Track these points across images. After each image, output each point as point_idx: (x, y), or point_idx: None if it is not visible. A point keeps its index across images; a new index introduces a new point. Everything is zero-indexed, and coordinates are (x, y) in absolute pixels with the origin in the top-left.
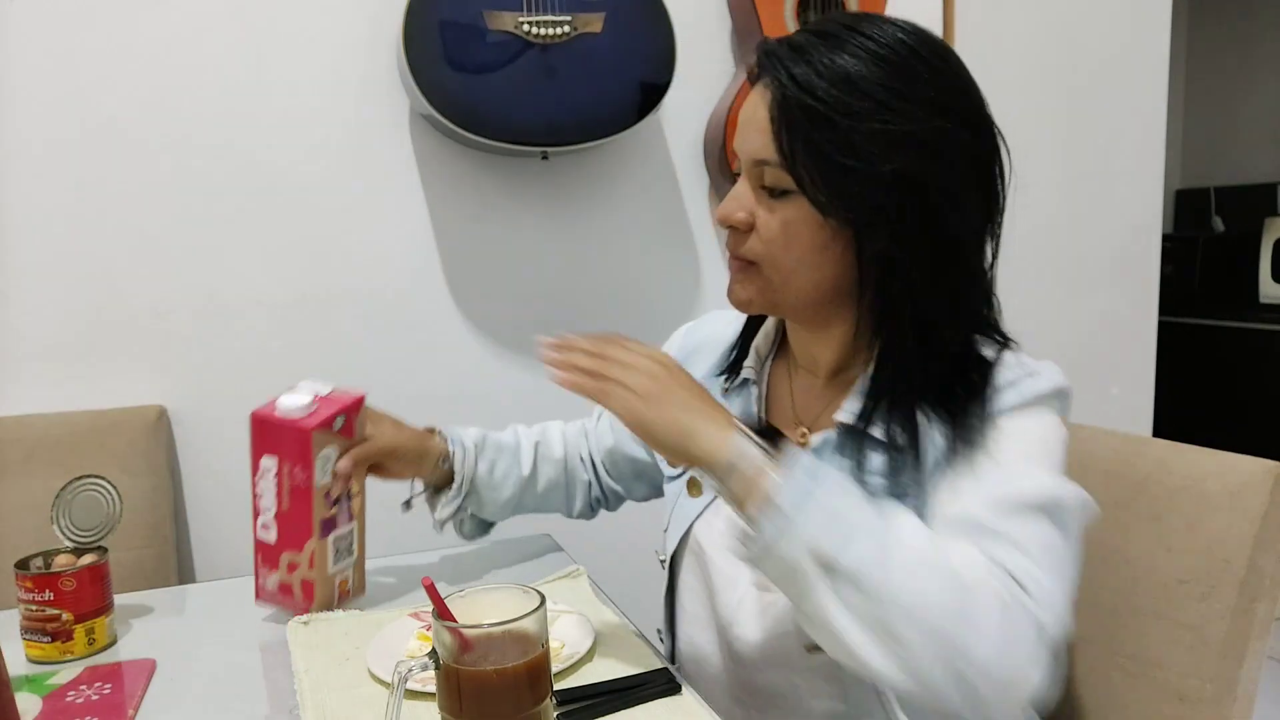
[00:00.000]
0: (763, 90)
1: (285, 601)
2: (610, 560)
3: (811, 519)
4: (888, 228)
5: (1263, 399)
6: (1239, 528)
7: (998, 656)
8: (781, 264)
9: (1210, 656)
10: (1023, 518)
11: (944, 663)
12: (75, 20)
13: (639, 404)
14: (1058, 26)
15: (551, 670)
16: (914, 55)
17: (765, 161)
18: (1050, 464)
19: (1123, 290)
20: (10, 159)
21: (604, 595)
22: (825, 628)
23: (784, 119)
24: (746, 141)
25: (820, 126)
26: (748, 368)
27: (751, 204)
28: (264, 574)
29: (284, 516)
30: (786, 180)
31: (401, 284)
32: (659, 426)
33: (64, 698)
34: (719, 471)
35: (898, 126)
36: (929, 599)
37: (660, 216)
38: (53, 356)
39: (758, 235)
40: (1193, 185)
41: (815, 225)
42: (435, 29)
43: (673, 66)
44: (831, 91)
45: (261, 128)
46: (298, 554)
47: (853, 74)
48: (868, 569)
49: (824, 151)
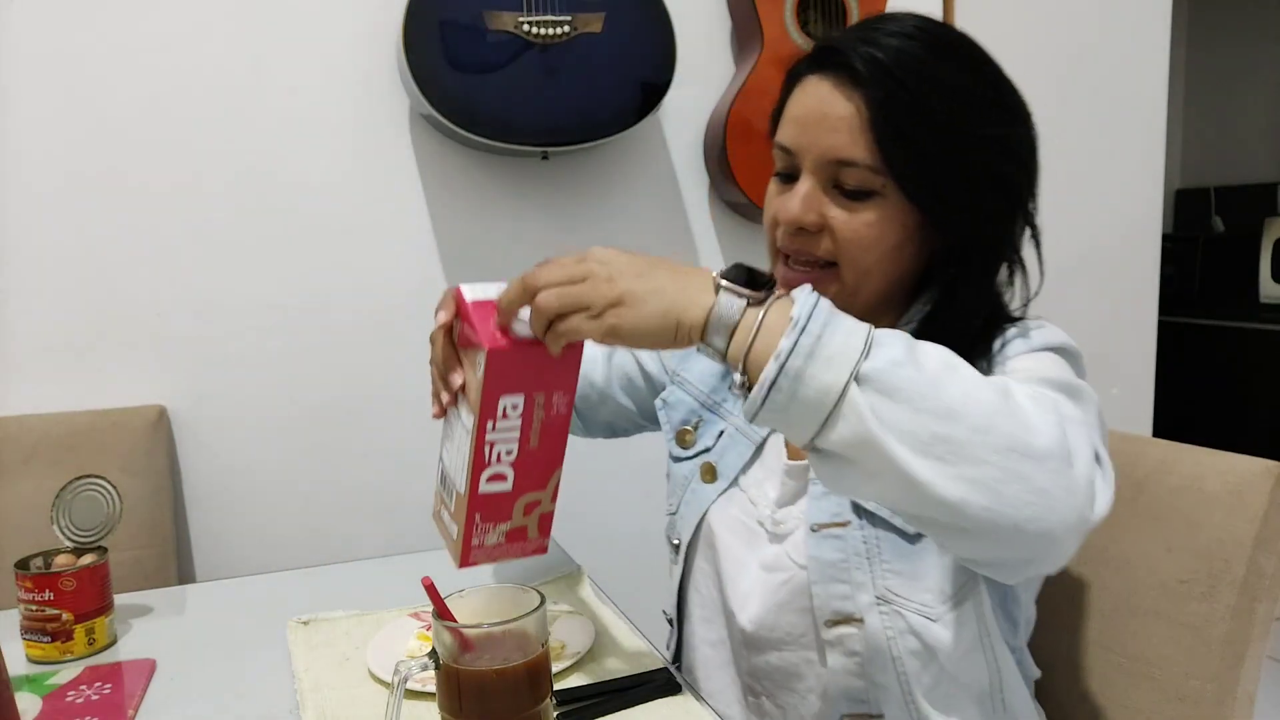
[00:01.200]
0: (837, 86)
1: (511, 550)
2: (610, 557)
3: (837, 334)
4: (971, 222)
5: (1263, 399)
6: (1239, 528)
7: (1055, 445)
8: (860, 264)
9: (1210, 656)
10: (1045, 387)
11: (1002, 462)
12: (75, 20)
13: (609, 324)
14: (1058, 26)
15: (551, 670)
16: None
17: (851, 162)
18: None
19: (1123, 290)
20: (10, 159)
21: (604, 595)
22: (869, 461)
23: (887, 124)
24: (820, 140)
25: (930, 134)
26: None
27: (821, 204)
28: (482, 532)
29: (530, 455)
30: (875, 181)
31: (402, 284)
32: (639, 333)
33: (64, 698)
34: (721, 330)
35: (994, 131)
36: (971, 398)
37: (660, 216)
38: (53, 356)
39: (832, 236)
40: (1193, 185)
41: (898, 225)
42: (435, 29)
43: (673, 66)
44: (932, 90)
45: (261, 128)
46: (539, 491)
47: (948, 80)
48: (904, 375)
49: (930, 156)
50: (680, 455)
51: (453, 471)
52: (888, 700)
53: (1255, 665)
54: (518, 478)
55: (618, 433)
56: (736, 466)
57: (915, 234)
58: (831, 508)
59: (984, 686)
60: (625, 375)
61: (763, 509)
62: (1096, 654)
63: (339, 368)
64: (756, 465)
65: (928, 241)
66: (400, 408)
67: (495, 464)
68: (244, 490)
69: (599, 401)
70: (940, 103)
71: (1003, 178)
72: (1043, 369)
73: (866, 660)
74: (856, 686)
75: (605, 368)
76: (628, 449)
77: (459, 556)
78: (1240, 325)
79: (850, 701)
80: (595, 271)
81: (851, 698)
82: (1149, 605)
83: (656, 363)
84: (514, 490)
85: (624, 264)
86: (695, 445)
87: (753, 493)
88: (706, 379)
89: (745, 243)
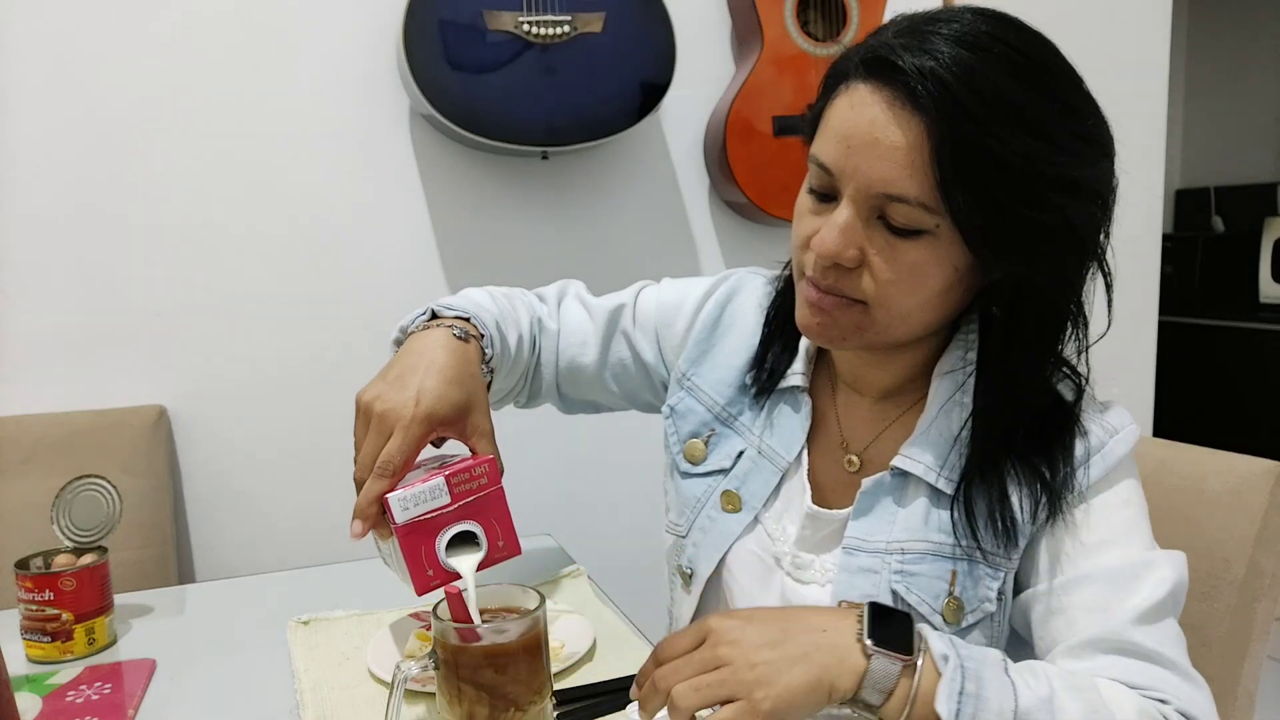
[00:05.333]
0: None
1: None
2: (610, 557)
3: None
4: (1035, 267)
5: (1263, 399)
6: (1239, 528)
7: None
8: (899, 307)
9: (1210, 656)
10: (1162, 624)
11: None
12: (75, 20)
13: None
14: (1057, 26)
15: (551, 670)
16: (1062, 74)
17: (902, 198)
18: (1146, 531)
19: (1123, 290)
20: (11, 159)
21: (604, 595)
22: None
23: (952, 161)
24: (869, 168)
25: (1000, 174)
26: (796, 374)
27: (861, 238)
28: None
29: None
30: (927, 221)
31: (401, 284)
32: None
33: (64, 698)
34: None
35: (1071, 173)
36: None
37: (660, 216)
38: (53, 356)
39: (870, 273)
40: (1193, 185)
41: (948, 268)
42: (435, 29)
43: (673, 66)
44: (1010, 130)
45: (261, 128)
46: None
47: (1024, 107)
48: None
49: (998, 200)
50: (690, 471)
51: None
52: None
53: (1255, 665)
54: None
55: (600, 410)
56: (761, 497)
57: (965, 276)
58: (865, 587)
59: None
60: (620, 363)
61: (781, 545)
62: None
63: (339, 367)
64: (778, 498)
65: (976, 282)
66: None
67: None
68: (244, 490)
69: (586, 385)
70: (1016, 139)
71: (1078, 221)
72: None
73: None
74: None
75: (599, 354)
76: (628, 449)
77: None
78: (1240, 325)
79: None
80: (729, 658)
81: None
82: None
83: (654, 352)
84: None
85: (754, 637)
86: (707, 462)
87: (770, 526)
88: (722, 389)
89: (745, 243)
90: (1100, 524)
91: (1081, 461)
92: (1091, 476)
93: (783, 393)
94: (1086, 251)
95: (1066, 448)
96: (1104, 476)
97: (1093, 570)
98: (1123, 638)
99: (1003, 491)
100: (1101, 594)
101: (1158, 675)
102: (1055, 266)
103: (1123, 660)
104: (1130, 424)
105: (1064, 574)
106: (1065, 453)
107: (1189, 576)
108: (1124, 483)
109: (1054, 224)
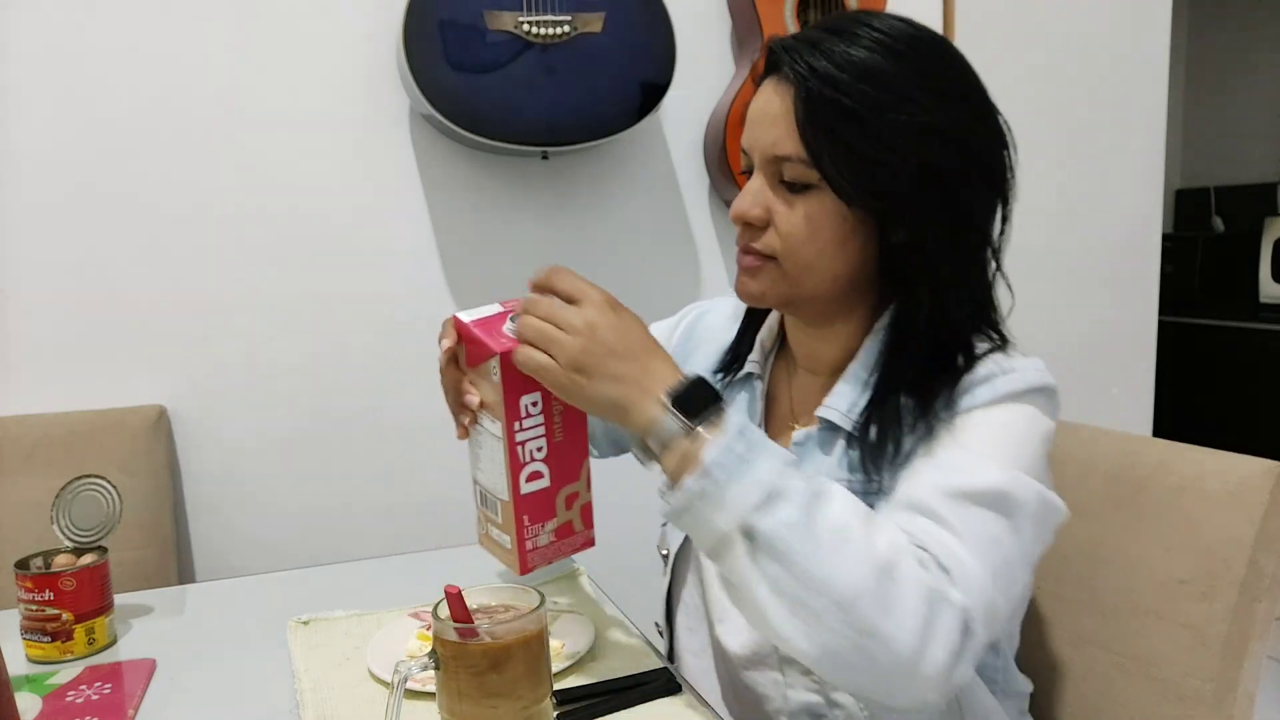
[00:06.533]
0: (777, 85)
1: (563, 548)
2: (610, 557)
3: (738, 485)
4: (911, 218)
5: (1263, 399)
6: (1239, 528)
7: (910, 639)
8: (802, 257)
9: (1210, 656)
10: (966, 506)
11: (853, 640)
12: (75, 20)
13: (567, 379)
14: (1058, 26)
15: (551, 670)
16: (925, 47)
17: (786, 157)
18: (1017, 457)
19: (1123, 290)
20: (11, 159)
21: (604, 595)
22: (743, 594)
23: (809, 114)
24: (761, 137)
25: (848, 121)
26: (752, 361)
27: (767, 199)
28: (533, 533)
29: (558, 448)
30: (810, 175)
31: (401, 284)
32: (587, 402)
33: (64, 697)
34: (651, 444)
35: (921, 118)
36: (845, 574)
37: (660, 216)
38: (53, 356)
39: (775, 230)
40: (1193, 185)
41: (839, 218)
42: (435, 29)
43: (673, 66)
44: (856, 86)
45: (261, 128)
46: (575, 482)
47: (873, 67)
48: (787, 538)
49: (852, 146)
50: None
51: (491, 485)
52: (846, 717)
53: (1255, 665)
54: (553, 471)
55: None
56: None
57: (858, 229)
58: None
59: (940, 706)
60: None
61: None
62: (1096, 654)
63: (339, 368)
64: None
65: (873, 238)
66: (400, 407)
67: (530, 462)
68: (244, 490)
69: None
70: (862, 93)
71: (944, 172)
72: (988, 443)
73: (822, 679)
74: (815, 702)
75: None
76: None
77: (518, 564)
78: (1240, 325)
79: (810, 715)
80: (578, 329)
81: (811, 712)
82: (1149, 605)
83: None
84: (552, 485)
85: (606, 337)
86: None
87: None
88: None
89: None
90: (964, 433)
91: (965, 390)
92: (975, 401)
93: (740, 381)
94: (963, 208)
95: (954, 381)
96: (986, 403)
97: (936, 461)
98: (925, 502)
99: (896, 426)
100: (928, 473)
101: (939, 535)
102: (933, 217)
103: (917, 518)
104: (1033, 369)
105: (912, 466)
106: (952, 384)
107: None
108: (1007, 409)
109: (909, 164)
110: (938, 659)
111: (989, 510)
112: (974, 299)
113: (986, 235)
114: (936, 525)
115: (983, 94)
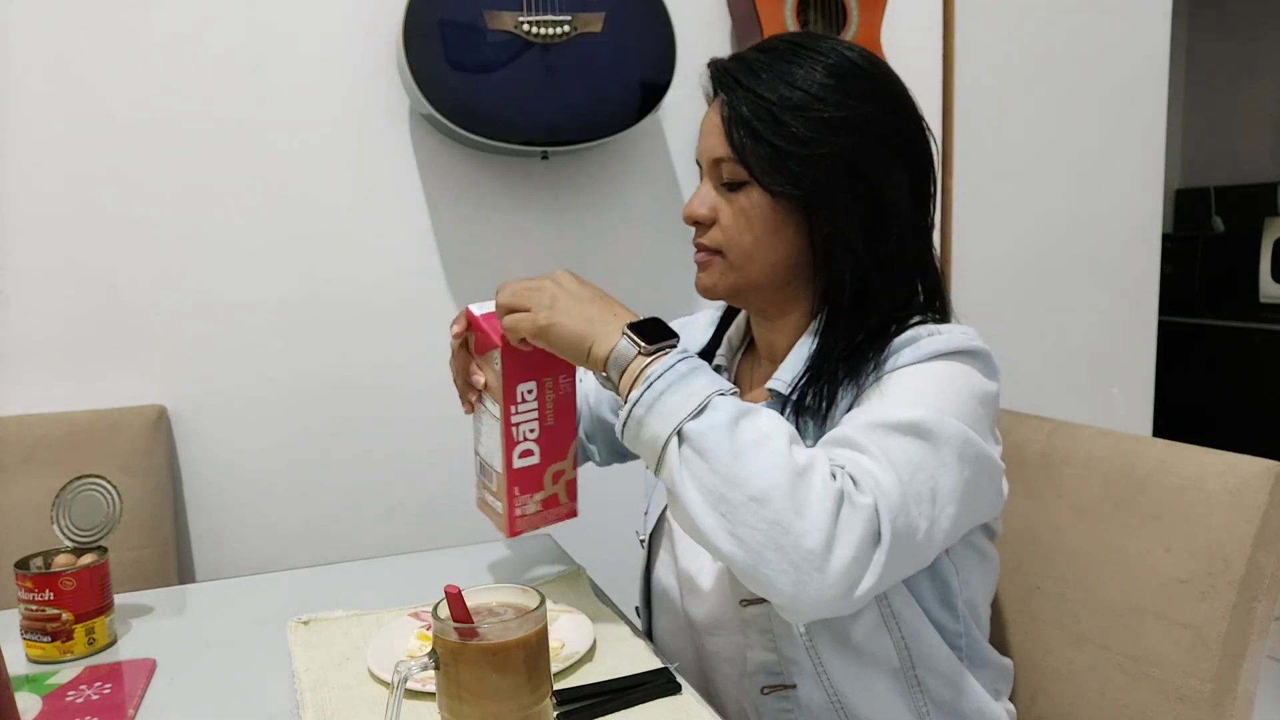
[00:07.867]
0: (716, 100)
1: (549, 516)
2: (610, 557)
3: (676, 395)
4: (831, 207)
5: (1263, 399)
6: (1239, 527)
7: (819, 534)
8: (742, 247)
9: (1210, 656)
10: (884, 434)
11: (767, 533)
12: (75, 19)
13: (543, 319)
14: (1058, 27)
15: (551, 670)
16: (851, 61)
17: (721, 159)
18: (943, 404)
19: (1123, 290)
20: (10, 158)
21: (604, 595)
22: (677, 497)
23: (733, 117)
24: (706, 147)
25: (764, 119)
26: (720, 355)
27: (712, 199)
28: (522, 503)
29: (549, 430)
30: (740, 172)
31: (401, 284)
32: (554, 335)
33: (64, 698)
34: (610, 369)
35: (831, 113)
36: (762, 472)
37: (660, 216)
38: (53, 356)
39: (719, 226)
40: (1193, 185)
41: (769, 209)
42: (435, 29)
43: (673, 66)
44: (775, 88)
45: (261, 127)
46: (562, 461)
47: (792, 73)
48: (712, 436)
49: (768, 140)
50: None
51: (489, 458)
52: (800, 673)
53: (1255, 665)
54: (543, 451)
55: (625, 455)
56: None
57: (787, 219)
58: None
59: (894, 664)
60: (611, 396)
61: None
62: (1096, 654)
63: (339, 368)
64: None
65: (803, 228)
66: (400, 407)
67: (523, 441)
68: (244, 490)
69: (593, 427)
70: (774, 91)
71: (859, 164)
72: (913, 391)
73: (778, 636)
74: (771, 660)
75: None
76: None
77: (507, 527)
78: (1240, 325)
79: (767, 674)
80: (546, 285)
81: (768, 671)
82: (1148, 605)
83: None
84: (542, 462)
85: (572, 288)
86: None
87: None
88: None
89: None
90: (890, 386)
91: (892, 353)
92: (900, 361)
93: None
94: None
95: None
96: (911, 361)
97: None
98: (847, 435)
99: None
100: (854, 417)
101: (854, 456)
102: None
103: (836, 449)
104: (960, 332)
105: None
106: (880, 350)
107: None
108: (934, 364)
109: (820, 155)
110: (844, 555)
111: (906, 436)
112: (902, 282)
113: (912, 223)
114: (854, 451)
115: (904, 96)
